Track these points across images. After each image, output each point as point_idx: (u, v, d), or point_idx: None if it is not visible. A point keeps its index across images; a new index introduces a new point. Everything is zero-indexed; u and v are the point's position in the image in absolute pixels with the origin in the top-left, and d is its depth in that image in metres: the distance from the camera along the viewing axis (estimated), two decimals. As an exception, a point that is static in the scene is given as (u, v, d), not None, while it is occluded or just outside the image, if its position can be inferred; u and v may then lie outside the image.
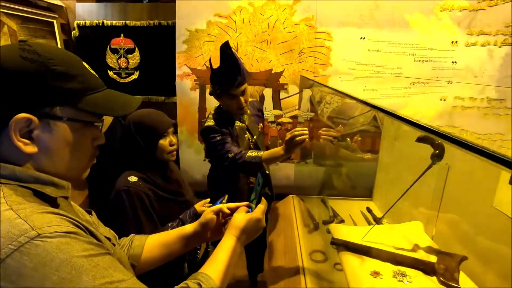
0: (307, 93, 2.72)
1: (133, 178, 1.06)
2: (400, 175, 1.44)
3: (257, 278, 1.99)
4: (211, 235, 0.79)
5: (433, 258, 0.92)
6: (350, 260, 0.97)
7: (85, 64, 0.53)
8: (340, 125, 2.09)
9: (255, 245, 1.11)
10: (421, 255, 0.94)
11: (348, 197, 1.80)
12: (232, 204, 0.80)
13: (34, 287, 0.37)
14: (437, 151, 0.83)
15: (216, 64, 1.48)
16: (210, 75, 1.52)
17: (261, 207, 0.73)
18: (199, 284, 0.56)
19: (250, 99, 1.74)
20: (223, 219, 0.81)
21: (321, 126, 2.72)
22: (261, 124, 1.75)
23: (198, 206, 1.19)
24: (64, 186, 0.52)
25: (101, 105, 0.52)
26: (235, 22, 2.62)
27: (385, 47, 2.56)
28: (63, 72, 0.48)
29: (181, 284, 0.56)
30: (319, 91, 2.59)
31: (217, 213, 0.79)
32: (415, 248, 0.97)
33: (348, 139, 2.07)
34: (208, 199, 1.26)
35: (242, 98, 1.46)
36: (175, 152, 1.18)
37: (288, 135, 1.30)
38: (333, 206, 1.61)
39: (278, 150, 1.33)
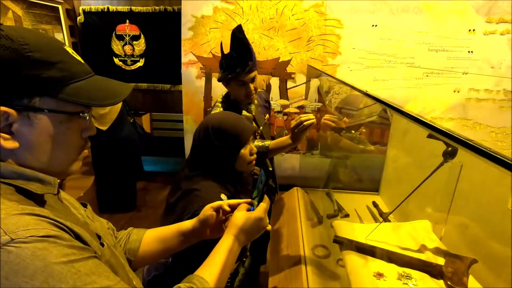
0: (315, 82, 2.65)
1: (224, 197, 0.92)
2: (409, 170, 1.39)
3: (259, 269, 1.99)
4: (210, 232, 0.76)
5: (440, 260, 0.88)
6: (353, 259, 0.94)
7: (68, 49, 0.49)
8: (345, 117, 2.03)
9: (259, 236, 1.07)
10: (428, 256, 0.90)
11: (354, 190, 1.76)
12: (233, 201, 0.76)
13: None
14: (449, 149, 0.79)
15: (226, 50, 1.44)
16: (220, 60, 1.47)
17: (263, 205, 0.69)
18: None
19: (258, 89, 1.70)
20: (224, 216, 0.77)
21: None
22: (267, 115, 1.70)
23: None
24: (50, 182, 0.48)
25: (84, 95, 0.47)
26: (242, 8, 2.54)
27: (398, 35, 2.45)
28: (40, 59, 0.43)
29: (174, 287, 0.54)
30: (328, 81, 2.52)
31: (217, 210, 0.75)
32: (422, 248, 0.94)
33: (353, 131, 2.01)
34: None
35: (251, 85, 1.41)
36: (254, 162, 1.04)
37: (294, 122, 1.26)
38: (338, 200, 1.58)
39: (285, 139, 1.30)
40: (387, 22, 2.45)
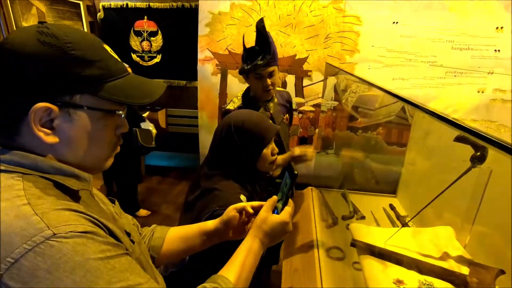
0: (331, 80, 2.60)
1: (244, 199, 0.91)
2: (429, 173, 1.34)
3: (271, 269, 1.99)
4: (233, 233, 0.75)
5: (464, 270, 0.84)
6: (371, 264, 0.91)
7: (106, 48, 0.50)
8: (359, 119, 2.00)
9: None
10: (451, 265, 0.86)
11: (370, 192, 1.72)
12: (257, 203, 0.75)
13: None
14: (478, 153, 0.75)
15: (248, 44, 1.46)
16: (242, 54, 1.48)
17: (289, 209, 0.67)
18: None
19: (279, 89, 1.68)
20: (246, 217, 0.76)
21: (344, 115, 2.61)
22: (287, 115, 1.66)
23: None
24: (86, 178, 0.50)
25: (122, 93, 0.48)
26: (259, 5, 2.52)
27: (420, 32, 2.37)
28: (81, 57, 0.44)
29: (199, 287, 0.54)
30: (345, 79, 2.47)
31: (240, 211, 0.74)
32: (445, 256, 0.90)
33: (370, 131, 1.97)
34: None
35: (268, 80, 1.41)
36: (276, 162, 1.02)
37: (297, 151, 1.43)
38: (353, 201, 1.55)
39: (287, 157, 1.42)
40: (408, 19, 2.37)
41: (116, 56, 0.51)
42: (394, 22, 2.41)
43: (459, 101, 2.52)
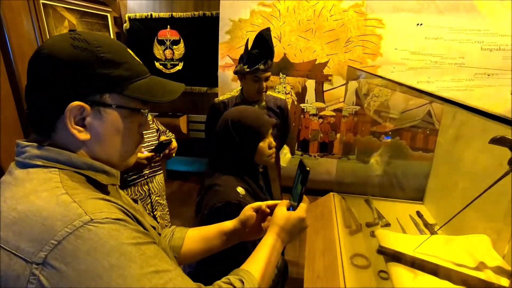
0: (353, 85, 2.56)
1: (241, 190, 0.94)
2: (459, 179, 1.28)
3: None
4: (250, 233, 0.76)
5: (504, 282, 0.78)
6: (400, 273, 0.87)
7: (130, 51, 0.54)
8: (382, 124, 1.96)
9: None
10: (488, 275, 0.81)
11: (395, 198, 1.65)
12: (271, 202, 0.76)
13: (86, 270, 0.38)
14: (517, 156, 0.70)
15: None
16: (241, 55, 1.61)
17: (304, 206, 0.68)
18: (241, 281, 0.54)
19: (280, 96, 1.78)
20: (263, 217, 0.77)
21: (367, 120, 2.55)
22: (273, 119, 1.73)
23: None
24: (114, 174, 0.53)
25: (146, 92, 0.52)
26: (279, 11, 2.54)
27: (446, 34, 2.29)
28: (110, 59, 0.48)
29: (223, 279, 0.55)
30: (367, 83, 2.42)
31: (257, 210, 0.75)
32: (481, 266, 0.84)
33: (394, 136, 1.91)
34: None
35: (264, 83, 1.55)
36: (274, 155, 1.06)
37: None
38: (377, 207, 1.49)
39: None
40: (433, 21, 2.30)
41: (138, 59, 0.55)
42: (418, 24, 2.35)
43: (489, 104, 2.40)
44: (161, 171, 1.68)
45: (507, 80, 2.29)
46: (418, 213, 1.46)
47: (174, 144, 1.58)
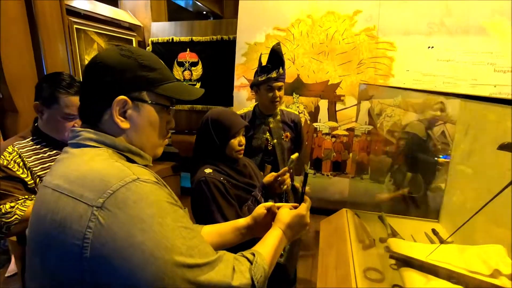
0: (365, 105, 2.60)
1: (208, 170, 1.16)
2: (476, 195, 1.26)
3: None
4: (261, 229, 0.81)
5: (520, 288, 0.76)
6: (413, 278, 0.86)
7: (161, 62, 0.67)
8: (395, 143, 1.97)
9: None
10: (503, 282, 0.78)
11: (409, 216, 1.63)
12: (281, 204, 0.85)
13: (133, 215, 0.48)
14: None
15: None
16: (255, 71, 1.72)
17: (305, 204, 0.79)
18: (253, 254, 0.63)
19: (291, 110, 1.85)
20: (273, 217, 0.84)
21: (379, 140, 2.56)
22: (287, 133, 1.79)
23: (265, 178, 1.25)
24: (146, 158, 0.64)
25: (174, 92, 0.64)
26: (293, 35, 2.67)
27: (458, 56, 2.33)
28: (148, 65, 0.61)
29: (237, 254, 0.62)
30: (379, 103, 2.46)
31: (269, 209, 0.83)
32: (496, 274, 0.82)
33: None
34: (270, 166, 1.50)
35: (277, 92, 1.64)
36: (242, 151, 1.27)
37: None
38: (391, 224, 1.48)
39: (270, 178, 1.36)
40: (444, 43, 2.35)
41: (167, 68, 0.68)
42: (429, 47, 2.41)
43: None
44: None
45: (523, 102, 2.27)
46: (433, 230, 1.43)
47: None
